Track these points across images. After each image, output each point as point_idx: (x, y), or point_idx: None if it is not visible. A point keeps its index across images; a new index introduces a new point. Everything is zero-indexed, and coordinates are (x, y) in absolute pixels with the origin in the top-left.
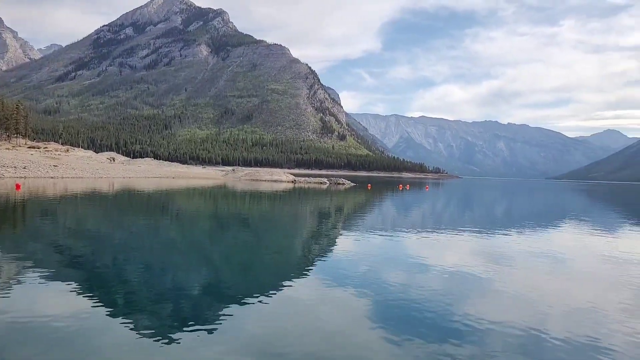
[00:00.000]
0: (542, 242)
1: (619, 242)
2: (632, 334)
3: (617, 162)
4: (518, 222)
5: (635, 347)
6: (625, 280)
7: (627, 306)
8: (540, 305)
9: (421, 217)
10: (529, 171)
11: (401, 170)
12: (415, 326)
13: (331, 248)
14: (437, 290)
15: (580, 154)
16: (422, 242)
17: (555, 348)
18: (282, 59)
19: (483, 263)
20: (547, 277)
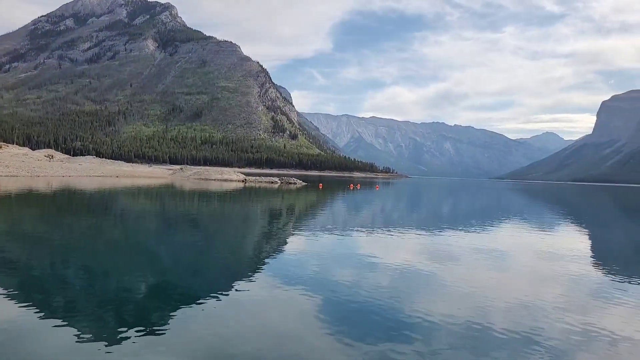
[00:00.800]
0: (484, 239)
1: (555, 238)
2: (566, 326)
3: (554, 163)
4: (463, 220)
5: (569, 338)
6: (559, 275)
7: (561, 299)
8: (483, 300)
9: (371, 216)
10: (474, 171)
11: (352, 169)
12: (364, 324)
13: (282, 248)
14: (386, 288)
15: (521, 155)
16: (372, 240)
17: (497, 341)
18: (233, 57)
19: (430, 260)
20: (489, 273)
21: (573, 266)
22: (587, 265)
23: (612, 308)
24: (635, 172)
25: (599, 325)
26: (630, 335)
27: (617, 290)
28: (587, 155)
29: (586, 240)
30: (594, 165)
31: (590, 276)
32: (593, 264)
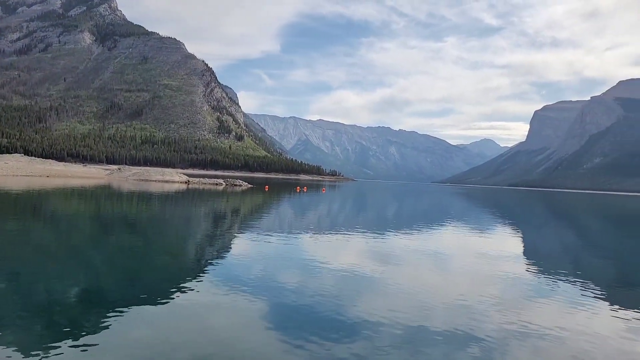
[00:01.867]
0: (427, 241)
1: (491, 240)
2: (501, 323)
3: (491, 168)
4: (406, 222)
5: (504, 335)
6: (495, 275)
7: (497, 298)
8: (425, 300)
9: (317, 218)
10: (418, 175)
11: (299, 172)
12: (309, 326)
13: (226, 251)
14: (331, 290)
15: (461, 160)
16: (318, 243)
17: (436, 339)
18: (177, 54)
19: (374, 262)
20: (430, 274)
21: (508, 266)
22: (520, 265)
23: (544, 305)
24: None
25: (531, 321)
26: (560, 330)
27: (548, 288)
28: (521, 162)
29: (520, 241)
30: (527, 171)
31: (524, 275)
32: (526, 264)
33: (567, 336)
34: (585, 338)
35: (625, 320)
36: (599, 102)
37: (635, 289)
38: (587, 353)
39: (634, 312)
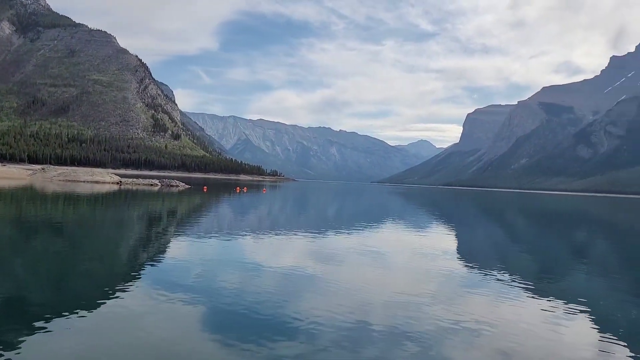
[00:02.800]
0: (366, 239)
1: (428, 237)
2: (438, 317)
3: (427, 168)
4: (346, 221)
5: (439, 328)
6: (431, 271)
7: (433, 293)
8: (364, 298)
9: (257, 219)
10: (357, 175)
11: (239, 172)
12: (249, 328)
13: (160, 254)
14: (271, 291)
15: (399, 161)
16: (258, 244)
17: (376, 335)
18: (107, 48)
19: (315, 262)
20: (369, 272)
21: (443, 262)
22: (454, 261)
23: (475, 298)
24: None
25: (464, 314)
26: (491, 321)
27: (479, 282)
28: (454, 162)
29: (453, 238)
30: (460, 171)
31: (457, 271)
32: (459, 260)
33: (497, 327)
34: (513, 328)
35: (549, 309)
36: (525, 106)
37: (556, 280)
38: (515, 342)
39: (556, 302)
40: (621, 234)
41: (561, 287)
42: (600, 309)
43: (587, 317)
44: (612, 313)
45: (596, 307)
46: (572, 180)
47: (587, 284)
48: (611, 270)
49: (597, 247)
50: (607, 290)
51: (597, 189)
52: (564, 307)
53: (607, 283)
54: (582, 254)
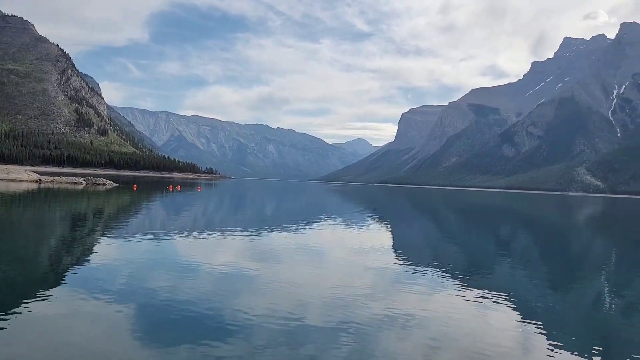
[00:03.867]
0: (304, 236)
1: (364, 234)
2: (373, 311)
3: (364, 166)
4: (284, 219)
5: (375, 323)
6: (367, 266)
7: (369, 288)
8: (302, 295)
9: (192, 218)
10: (295, 173)
11: (172, 170)
12: (183, 330)
13: (86, 256)
14: (206, 292)
15: (337, 159)
16: (192, 244)
17: (314, 332)
18: (24, 36)
19: (252, 260)
20: (307, 269)
21: (378, 257)
22: (389, 256)
23: (409, 292)
24: (426, 175)
25: (398, 307)
26: (423, 313)
27: (412, 276)
28: (390, 160)
29: (389, 234)
30: (395, 169)
31: (392, 265)
32: (394, 254)
33: (429, 318)
34: (444, 318)
35: (476, 300)
36: (455, 107)
37: (483, 272)
38: (446, 331)
39: (483, 293)
40: (538, 228)
41: (487, 278)
42: (522, 297)
43: (510, 306)
44: (532, 301)
45: (518, 296)
46: (498, 177)
47: (510, 275)
48: (530, 261)
49: (518, 240)
50: (527, 280)
51: (520, 186)
52: (490, 297)
53: (527, 274)
54: (505, 247)
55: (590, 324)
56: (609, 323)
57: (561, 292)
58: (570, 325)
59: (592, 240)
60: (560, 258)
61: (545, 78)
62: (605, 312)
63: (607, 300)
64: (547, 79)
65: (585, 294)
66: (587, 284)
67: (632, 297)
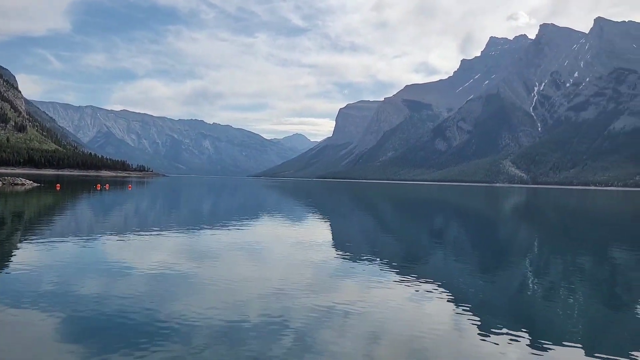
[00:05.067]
0: (242, 234)
1: (303, 228)
2: (313, 306)
3: (302, 162)
4: (222, 217)
5: (315, 317)
6: (307, 261)
7: (309, 283)
8: (241, 293)
9: (122, 218)
10: (233, 169)
11: (100, 168)
12: (115, 336)
13: (5, 262)
14: (140, 294)
15: (275, 154)
16: (123, 245)
17: (254, 331)
18: None
19: (188, 260)
20: (246, 267)
21: (318, 252)
22: (329, 250)
23: (348, 285)
24: (364, 169)
25: (338, 301)
26: (363, 305)
27: (351, 269)
28: (328, 155)
29: (327, 228)
30: (333, 164)
31: (331, 260)
32: (334, 249)
33: (368, 309)
34: (382, 308)
35: (413, 289)
36: (391, 103)
37: (418, 262)
38: (384, 321)
39: (419, 282)
40: (469, 218)
41: (423, 267)
42: (455, 284)
43: (445, 292)
44: (464, 287)
45: (452, 283)
46: (432, 171)
47: (444, 263)
48: (463, 249)
49: (451, 230)
50: (460, 267)
51: (452, 178)
52: (426, 286)
53: (460, 261)
54: (439, 237)
55: (517, 306)
56: (534, 305)
57: (490, 277)
58: (499, 307)
59: (517, 228)
60: (489, 245)
61: (474, 75)
62: (530, 294)
63: (531, 284)
64: (475, 76)
65: (512, 278)
66: (513, 269)
67: (553, 279)
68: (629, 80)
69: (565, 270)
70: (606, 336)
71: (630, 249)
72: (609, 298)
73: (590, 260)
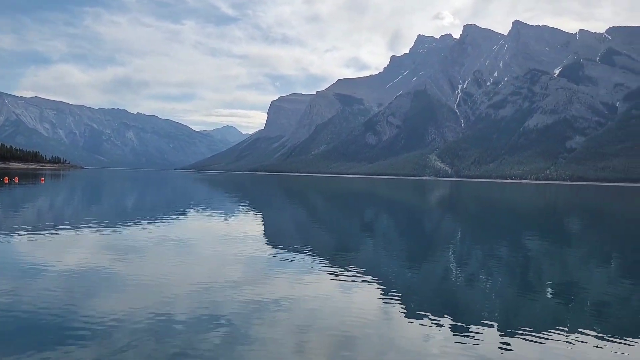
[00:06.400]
0: (170, 229)
1: (234, 223)
2: (244, 301)
3: (234, 154)
4: (146, 212)
5: (245, 312)
6: (237, 256)
7: (239, 277)
8: (168, 289)
9: (35, 214)
10: (159, 161)
11: (8, 159)
12: (29, 339)
13: None
14: (57, 294)
15: (205, 146)
16: (37, 243)
17: (181, 327)
18: None
19: (110, 257)
20: (173, 262)
21: (249, 246)
22: (260, 244)
23: (280, 278)
24: (296, 163)
25: (269, 294)
26: (293, 297)
27: (283, 262)
28: (260, 148)
29: (259, 222)
30: (266, 157)
31: (262, 253)
32: (264, 242)
33: (298, 300)
34: (313, 299)
35: (342, 279)
36: (323, 96)
37: (348, 253)
38: (314, 312)
39: (348, 272)
40: (396, 209)
41: (353, 258)
42: (383, 273)
43: (373, 281)
44: (391, 275)
45: (380, 272)
46: (363, 164)
47: (373, 253)
48: (390, 240)
49: (379, 221)
50: (388, 256)
51: (382, 171)
52: (355, 276)
53: (388, 251)
54: (368, 228)
55: (441, 292)
56: (456, 290)
57: (417, 265)
58: (425, 294)
59: (440, 219)
60: (415, 236)
61: (403, 72)
62: (453, 280)
63: (454, 270)
64: (404, 72)
65: (437, 266)
66: (438, 258)
67: (473, 266)
68: (541, 80)
69: (484, 258)
70: (521, 316)
71: (540, 237)
72: (522, 281)
73: (506, 248)
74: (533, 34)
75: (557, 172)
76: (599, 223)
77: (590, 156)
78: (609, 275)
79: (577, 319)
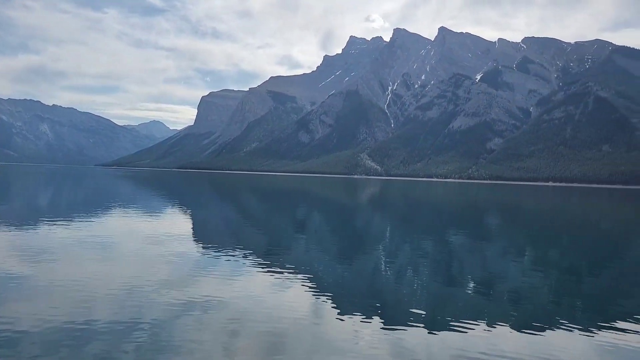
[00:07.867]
0: (89, 229)
1: (160, 222)
2: (170, 302)
3: (161, 151)
4: (62, 212)
5: (171, 313)
6: (164, 256)
7: (165, 278)
8: (87, 292)
9: None
10: (78, 157)
11: None
12: None
13: None
14: None
15: (129, 142)
16: None
17: (101, 331)
18: None
19: (20, 260)
20: (93, 264)
21: (176, 246)
22: (188, 244)
23: (208, 278)
24: (227, 160)
25: (197, 295)
26: (222, 297)
27: (212, 262)
28: (189, 144)
29: (187, 221)
30: (195, 154)
31: (191, 253)
32: (193, 242)
33: (228, 301)
34: (243, 299)
35: (274, 278)
36: (255, 93)
37: (279, 251)
38: (244, 311)
39: (280, 271)
40: (328, 208)
41: (284, 257)
42: (316, 271)
43: (306, 279)
44: (323, 273)
45: (312, 270)
46: (295, 162)
47: (305, 252)
48: (323, 238)
49: (312, 219)
50: (320, 254)
51: (314, 170)
52: (287, 274)
53: (320, 249)
54: (301, 227)
55: (370, 289)
56: (384, 287)
57: (347, 263)
58: (355, 291)
59: (370, 217)
60: (346, 234)
61: (335, 71)
62: (382, 278)
63: (383, 268)
64: (337, 72)
65: (366, 264)
66: (367, 255)
67: (401, 263)
68: (464, 85)
69: (411, 254)
70: (445, 310)
71: (462, 233)
72: (446, 276)
73: (430, 244)
74: (457, 40)
75: (478, 171)
76: (515, 219)
77: (507, 157)
78: (522, 267)
79: (495, 309)
